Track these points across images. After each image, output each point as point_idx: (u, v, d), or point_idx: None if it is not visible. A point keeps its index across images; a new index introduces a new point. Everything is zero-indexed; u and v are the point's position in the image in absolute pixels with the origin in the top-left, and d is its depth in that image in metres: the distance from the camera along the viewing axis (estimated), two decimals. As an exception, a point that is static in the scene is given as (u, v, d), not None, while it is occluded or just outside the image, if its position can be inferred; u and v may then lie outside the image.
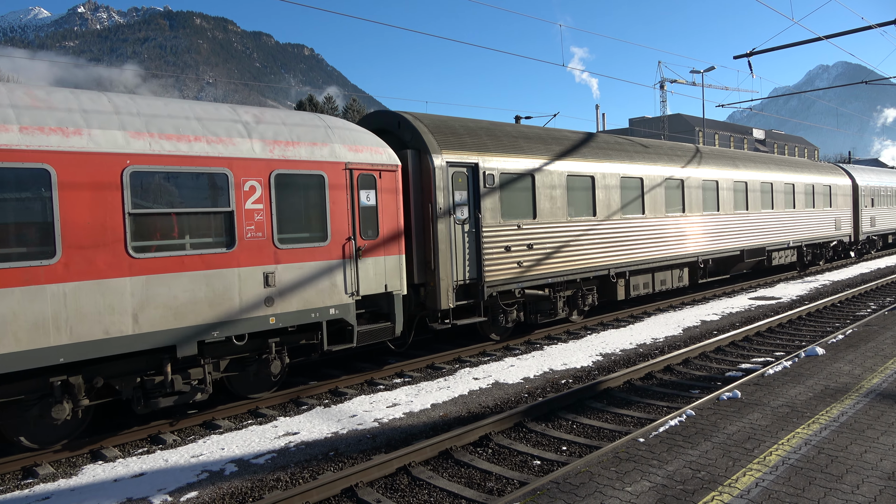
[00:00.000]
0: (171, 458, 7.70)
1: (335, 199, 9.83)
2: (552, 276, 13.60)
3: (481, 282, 12.14)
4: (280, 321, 9.18)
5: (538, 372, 11.01)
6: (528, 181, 13.25)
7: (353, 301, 9.97)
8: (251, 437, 8.30)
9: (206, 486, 6.82)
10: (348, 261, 9.95)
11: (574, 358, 11.96)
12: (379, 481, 6.89)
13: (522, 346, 13.43)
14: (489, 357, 12.46)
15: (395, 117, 12.40)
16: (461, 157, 12.03)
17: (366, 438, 8.13)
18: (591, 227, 14.61)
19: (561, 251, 13.81)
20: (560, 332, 14.61)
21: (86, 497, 6.67)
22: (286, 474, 7.14)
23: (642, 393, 9.88)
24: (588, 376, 10.85)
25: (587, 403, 9.32)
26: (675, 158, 18.06)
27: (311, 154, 9.63)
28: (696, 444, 6.31)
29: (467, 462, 7.31)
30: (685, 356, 11.66)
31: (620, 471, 5.73)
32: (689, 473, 5.60)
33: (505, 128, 14.15)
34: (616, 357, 12.04)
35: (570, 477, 5.69)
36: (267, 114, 9.77)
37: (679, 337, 13.73)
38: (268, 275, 9.02)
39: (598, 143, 15.93)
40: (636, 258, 15.87)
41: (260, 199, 9.00)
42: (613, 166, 15.54)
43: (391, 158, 10.66)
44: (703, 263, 18.76)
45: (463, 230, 11.96)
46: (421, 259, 11.57)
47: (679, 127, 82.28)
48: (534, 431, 8.28)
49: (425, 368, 11.89)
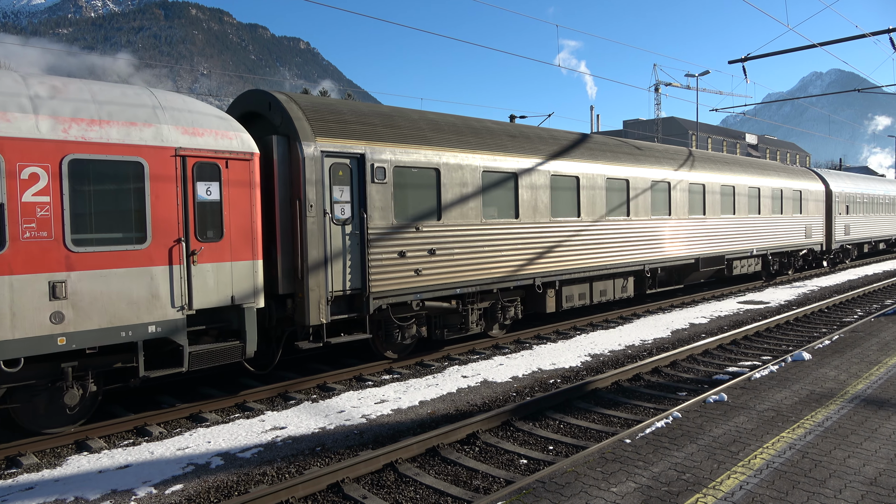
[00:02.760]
0: (156, 450, 7.67)
1: (160, 192, 8.22)
2: (461, 286, 11.93)
3: (366, 292, 10.46)
4: (74, 342, 7.52)
5: (527, 371, 11.04)
6: (432, 176, 11.59)
7: (183, 317, 8.36)
8: (238, 431, 8.27)
9: (192, 480, 6.80)
10: (177, 267, 8.33)
11: (563, 358, 11.99)
12: (365, 478, 6.89)
13: (512, 345, 13.45)
14: (478, 355, 12.47)
15: (266, 97, 10.63)
16: (343, 146, 10.31)
17: (353, 434, 8.13)
18: (513, 231, 12.92)
19: (473, 258, 12.13)
20: (549, 332, 14.65)
21: (70, 488, 6.63)
22: (272, 469, 7.12)
23: (630, 394, 9.93)
24: (576, 376, 10.88)
25: (575, 403, 9.35)
26: (623, 156, 16.51)
27: (126, 136, 7.97)
28: (682, 446, 6.34)
29: (454, 460, 7.32)
30: (673, 358, 11.72)
31: (606, 471, 5.76)
32: (674, 475, 5.63)
33: (408, 114, 12.39)
34: (605, 358, 12.08)
35: (556, 476, 5.71)
36: (73, 86, 8.06)
37: (667, 339, 13.79)
38: (55, 284, 7.38)
39: (522, 136, 14.06)
40: (569, 266, 14.18)
41: (45, 191, 7.37)
42: (541, 163, 13.74)
43: (244, 145, 9.05)
44: (651, 272, 17.11)
45: (343, 232, 10.26)
46: (289, 266, 9.87)
47: (673, 130, 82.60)
48: (521, 430, 8.30)
49: (414, 365, 11.89)
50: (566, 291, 14.48)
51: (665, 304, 18.63)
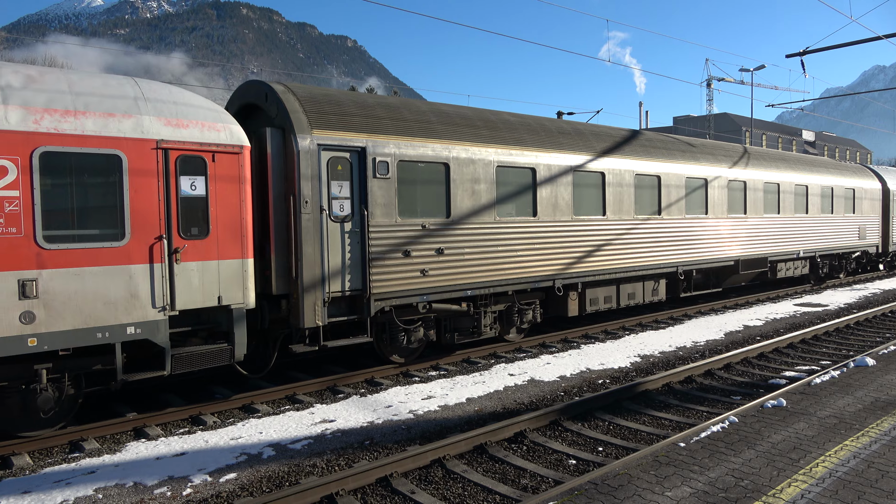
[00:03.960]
0: (211, 439, 7.86)
1: (139, 187, 7.85)
2: (472, 288, 11.39)
3: (367, 293, 10.00)
4: (46, 343, 7.23)
5: (575, 371, 10.91)
6: (441, 171, 11.03)
7: (164, 317, 8.03)
8: (288, 423, 8.41)
9: (245, 469, 6.94)
10: (158, 266, 7.98)
11: (612, 358, 11.80)
12: (413, 472, 6.91)
13: (559, 343, 13.31)
14: (525, 354, 12.38)
15: (263, 88, 10.17)
16: (342, 139, 9.82)
17: (401, 429, 8.17)
18: (530, 231, 12.28)
19: (486, 258, 11.55)
20: (598, 332, 14.45)
21: (129, 473, 6.85)
22: (322, 461, 7.22)
23: (682, 397, 9.70)
24: (626, 377, 10.70)
25: (625, 405, 9.19)
26: (653, 151, 15.60)
27: (103, 128, 7.63)
28: (739, 452, 6.16)
29: (502, 458, 7.29)
30: (727, 361, 11.40)
31: (660, 475, 5.63)
32: (731, 481, 5.47)
33: (416, 106, 11.77)
34: (655, 359, 11.85)
35: (608, 478, 5.61)
36: (50, 76, 7.75)
37: (720, 341, 13.43)
38: (25, 283, 7.09)
39: (543, 129, 13.35)
40: (592, 267, 13.47)
41: (14, 185, 7.06)
42: (562, 157, 13.00)
43: (233, 137, 8.64)
44: (685, 274, 16.26)
45: (342, 230, 9.81)
46: (283, 265, 9.42)
47: (725, 126, 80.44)
48: (569, 430, 8.21)
49: (461, 362, 11.88)
50: (590, 294, 13.79)
51: (717, 305, 18.16)
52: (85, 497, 6.30)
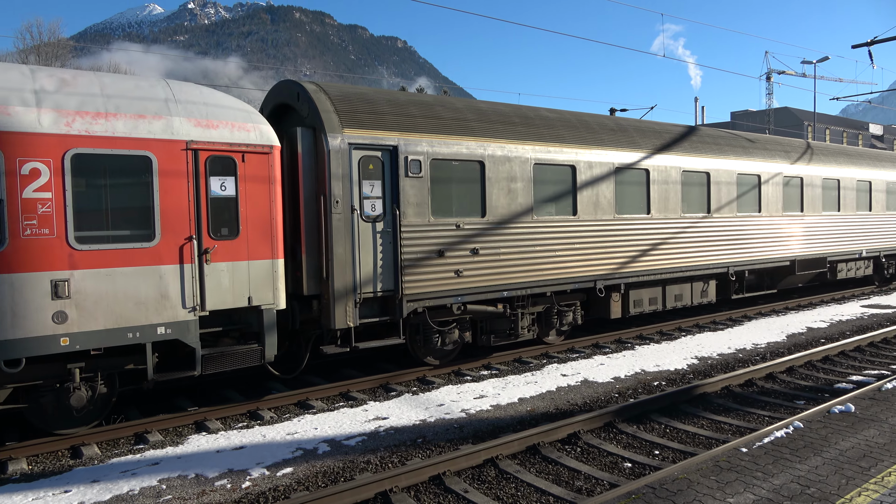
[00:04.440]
0: (268, 433, 8.04)
1: (169, 188, 7.88)
2: (509, 289, 11.16)
3: (399, 294, 9.87)
4: (78, 343, 7.30)
5: (629, 372, 10.71)
6: (476, 170, 10.81)
7: (195, 318, 8.05)
8: (343, 419, 8.53)
9: (301, 464, 7.07)
10: (188, 266, 7.99)
11: (667, 360, 11.54)
12: (466, 471, 6.91)
13: (613, 344, 13.09)
14: (578, 354, 12.23)
15: (295, 88, 10.10)
16: (373, 138, 9.71)
17: (453, 428, 8.18)
18: (570, 230, 11.96)
19: (523, 258, 11.28)
20: (652, 333, 14.15)
21: (191, 465, 7.07)
22: (376, 457, 7.29)
23: (742, 400, 9.41)
24: (682, 379, 10.44)
25: (682, 408, 8.97)
26: (702, 146, 15.02)
27: (134, 129, 7.66)
28: (805, 459, 5.93)
29: (555, 459, 7.22)
30: (789, 364, 11.00)
31: (721, 480, 5.47)
32: (797, 489, 5.27)
33: (451, 103, 11.61)
34: (713, 361, 11.52)
35: (666, 482, 5.49)
36: (83, 79, 7.82)
37: (782, 343, 12.97)
38: (58, 283, 7.16)
39: (583, 125, 12.96)
40: (636, 268, 13.05)
41: (47, 186, 7.16)
42: (604, 154, 12.66)
43: (263, 137, 8.62)
44: (736, 275, 15.57)
45: (374, 230, 9.70)
46: (314, 265, 9.37)
47: (786, 121, 77.64)
48: (624, 433, 8.06)
49: (512, 362, 11.83)
50: (634, 295, 13.33)
51: (778, 306, 17.54)
52: (150, 487, 6.53)
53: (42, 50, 55.48)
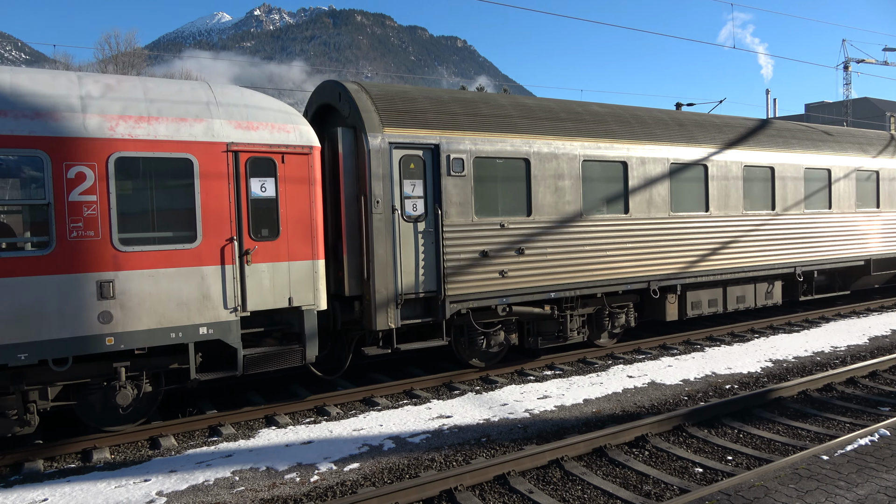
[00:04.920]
0: (335, 429, 8.20)
1: (210, 189, 7.96)
2: (557, 290, 10.89)
3: (442, 295, 9.75)
4: (122, 342, 7.47)
5: (699, 374, 10.40)
6: (521, 167, 10.59)
7: (236, 318, 8.13)
8: (407, 417, 8.61)
9: (367, 459, 7.18)
10: (229, 267, 8.06)
11: (739, 362, 11.15)
12: (531, 472, 6.86)
13: (681, 345, 12.74)
14: (644, 355, 11.97)
15: (337, 88, 10.03)
16: (414, 137, 9.60)
17: (517, 428, 8.14)
18: (621, 229, 11.61)
19: (571, 258, 10.99)
20: (723, 334, 13.70)
21: (262, 458, 7.29)
22: (440, 455, 7.32)
23: (820, 406, 8.99)
24: (756, 383, 10.07)
25: (755, 412, 8.65)
26: (766, 140, 14.29)
27: (175, 132, 7.79)
28: (892, 468, 5.62)
29: (622, 462, 7.08)
30: (872, 368, 10.44)
31: (801, 489, 5.24)
32: (884, 499, 4.99)
33: (495, 99, 11.48)
34: (788, 364, 11.06)
35: (741, 489, 5.30)
36: (127, 83, 8.00)
37: (864, 346, 12.33)
38: (103, 284, 7.33)
39: (636, 120, 12.52)
40: (693, 268, 12.49)
41: (92, 190, 7.31)
42: (658, 149, 12.16)
43: (303, 138, 8.63)
44: (804, 276, 14.81)
45: (415, 230, 9.61)
46: (356, 266, 9.33)
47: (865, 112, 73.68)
48: (695, 437, 7.83)
49: (576, 362, 11.68)
50: (691, 297, 12.83)
51: (859, 307, 16.67)
52: (224, 479, 6.76)
53: (119, 59, 58.29)
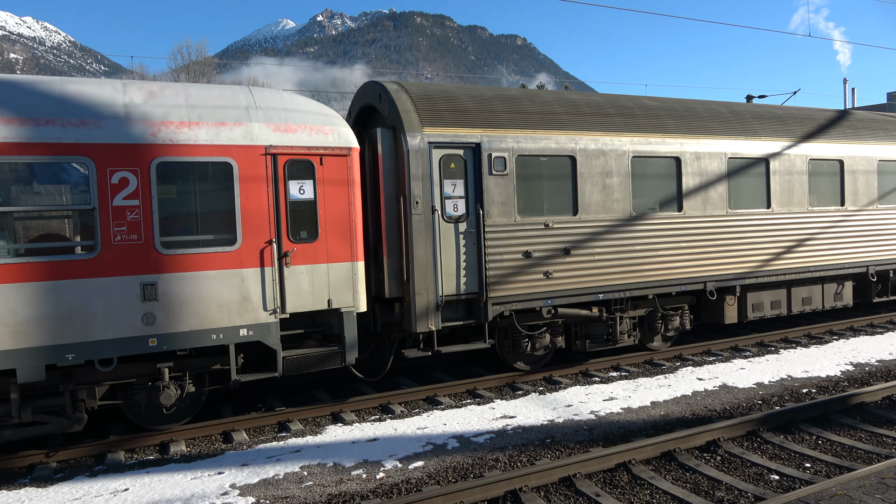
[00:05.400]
0: (399, 427, 8.29)
1: (249, 193, 8.10)
2: (604, 291, 10.61)
3: (484, 297, 9.67)
4: (164, 343, 7.70)
5: (773, 378, 10.00)
6: (566, 165, 10.38)
7: (275, 320, 8.24)
8: (470, 416, 8.63)
9: (431, 458, 7.23)
10: (268, 269, 8.17)
11: (817, 365, 10.66)
12: (598, 475, 6.76)
13: (754, 347, 12.29)
14: (714, 357, 11.62)
15: (377, 89, 10.05)
16: (455, 136, 9.53)
17: (582, 430, 8.03)
18: (674, 226, 11.25)
19: (620, 258, 10.73)
20: (799, 336, 13.14)
21: (329, 454, 7.45)
22: (504, 455, 7.31)
23: (908, 412, 8.49)
24: (835, 387, 9.61)
25: (835, 418, 8.27)
26: (834, 130, 13.60)
27: (215, 137, 7.94)
28: None
29: (692, 467, 6.88)
30: (967, 373, 9.78)
31: (888, 499, 4.96)
32: (983, 515, 4.66)
33: (540, 96, 11.22)
34: (871, 368, 10.50)
35: (822, 498, 5.07)
36: (169, 90, 8.26)
37: (957, 350, 11.57)
38: (146, 286, 7.55)
39: (689, 113, 12.17)
40: (754, 268, 12.10)
41: (135, 194, 7.55)
42: (714, 143, 11.77)
43: (341, 140, 8.67)
44: (879, 276, 14.01)
45: (456, 230, 9.55)
46: (395, 268, 9.37)
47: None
48: (770, 443, 7.54)
49: (643, 364, 11.45)
50: (752, 298, 12.36)
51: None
52: (293, 473, 6.94)
53: (191, 68, 60.72)
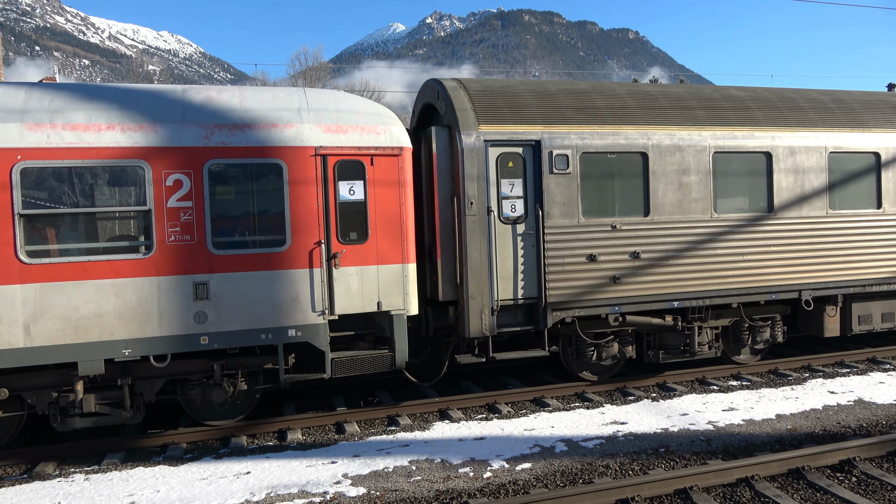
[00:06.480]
0: (506, 427, 8.26)
1: (299, 194, 8.08)
2: (679, 298, 9.82)
3: (543, 302, 9.17)
4: (216, 342, 7.84)
5: (918, 394, 9.06)
6: (637, 162, 9.68)
7: (324, 321, 8.19)
8: (579, 420, 8.44)
9: (538, 460, 7.13)
10: (317, 270, 8.13)
11: (970, 384, 9.54)
12: (716, 489, 6.37)
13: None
14: (848, 369, 10.70)
15: (436, 87, 9.72)
16: (513, 133, 9.08)
17: (699, 440, 7.62)
18: (763, 228, 10.22)
19: (697, 263, 9.88)
20: (950, 348, 11.82)
21: (437, 450, 7.52)
22: (615, 462, 7.06)
23: None
24: None
25: None
26: None
27: (266, 138, 8.00)
28: None
29: (823, 487, 6.34)
30: None
31: None
32: None
33: (610, 89, 10.45)
34: None
35: (983, 533, 4.50)
36: (225, 94, 8.34)
37: None
38: (199, 286, 7.73)
39: (784, 102, 10.96)
40: (860, 275, 10.76)
41: (188, 196, 7.73)
42: (812, 136, 10.52)
43: (392, 139, 8.49)
44: None
45: (514, 232, 9.15)
46: (449, 270, 9.09)
47: None
48: (915, 466, 6.81)
49: (766, 374, 10.75)
50: (858, 309, 11.06)
51: None
52: (402, 467, 7.07)
53: (308, 74, 63.59)
